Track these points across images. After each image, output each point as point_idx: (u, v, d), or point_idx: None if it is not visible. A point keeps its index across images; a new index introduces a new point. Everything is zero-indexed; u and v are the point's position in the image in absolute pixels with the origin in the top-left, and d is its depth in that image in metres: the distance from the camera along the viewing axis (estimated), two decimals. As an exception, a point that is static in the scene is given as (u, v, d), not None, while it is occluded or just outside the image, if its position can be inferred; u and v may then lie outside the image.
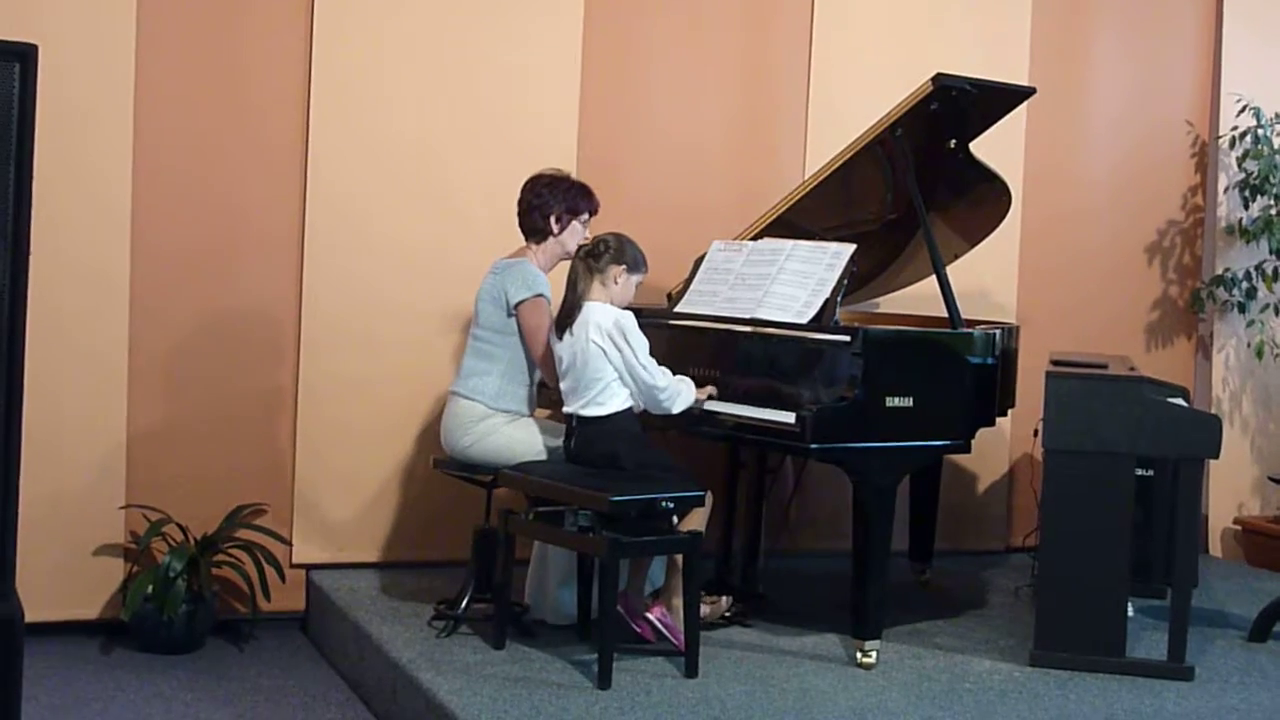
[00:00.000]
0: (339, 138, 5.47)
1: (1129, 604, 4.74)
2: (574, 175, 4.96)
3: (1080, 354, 5.48)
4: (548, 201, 4.82)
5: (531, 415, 4.85)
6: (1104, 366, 4.93)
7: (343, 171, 5.47)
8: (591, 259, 4.54)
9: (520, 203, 4.87)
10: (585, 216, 4.89)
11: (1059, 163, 6.73)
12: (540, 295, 4.71)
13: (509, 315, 4.73)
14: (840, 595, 4.74)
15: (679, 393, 4.55)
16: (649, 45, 6.02)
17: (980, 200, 5.47)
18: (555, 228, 4.83)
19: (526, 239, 4.89)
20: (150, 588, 5.04)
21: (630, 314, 4.51)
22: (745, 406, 4.62)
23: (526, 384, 4.81)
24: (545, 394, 4.99)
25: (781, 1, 6.21)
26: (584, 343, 4.45)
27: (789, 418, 4.43)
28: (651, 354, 4.54)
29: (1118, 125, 6.89)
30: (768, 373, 4.72)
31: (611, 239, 4.58)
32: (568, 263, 4.76)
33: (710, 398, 4.70)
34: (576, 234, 4.86)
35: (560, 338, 4.54)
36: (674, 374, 4.61)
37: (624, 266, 4.55)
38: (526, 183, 4.89)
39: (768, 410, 4.53)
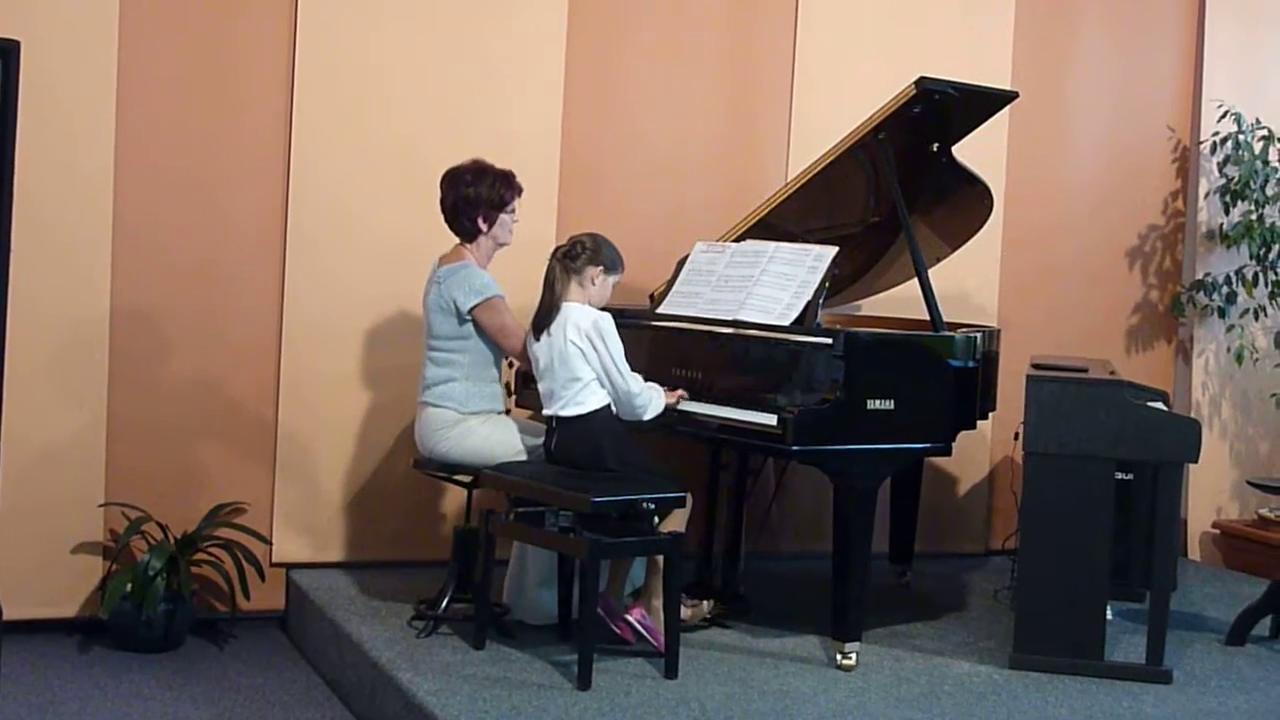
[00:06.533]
0: (322, 135, 5.45)
1: (1108, 607, 4.76)
2: (488, 161, 4.86)
3: (1061, 358, 5.49)
4: (471, 202, 4.77)
5: (505, 411, 4.85)
6: (1084, 370, 4.94)
7: (326, 168, 5.46)
8: (568, 260, 4.54)
9: (442, 205, 4.83)
10: (512, 206, 4.85)
11: (1041, 167, 6.75)
12: (493, 298, 4.70)
13: (461, 323, 4.71)
14: (821, 597, 4.74)
15: (651, 399, 4.55)
16: (633, 46, 6.01)
17: (962, 203, 5.48)
18: (484, 226, 4.80)
19: (458, 239, 4.86)
20: (129, 586, 5.02)
21: (608, 316, 4.51)
22: (727, 408, 4.62)
23: (494, 380, 4.80)
24: (528, 395, 4.99)
25: (766, 4, 6.22)
26: (562, 343, 4.45)
27: (770, 419, 4.43)
28: (634, 355, 4.54)
29: (1100, 130, 6.91)
30: (749, 374, 4.73)
31: (588, 239, 4.57)
32: (506, 249, 4.87)
33: (681, 400, 4.70)
34: (506, 225, 4.84)
35: (537, 338, 4.54)
36: (651, 377, 4.61)
37: (601, 267, 4.54)
38: (443, 182, 4.83)
39: (749, 412, 4.53)
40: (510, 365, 5.00)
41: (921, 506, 5.88)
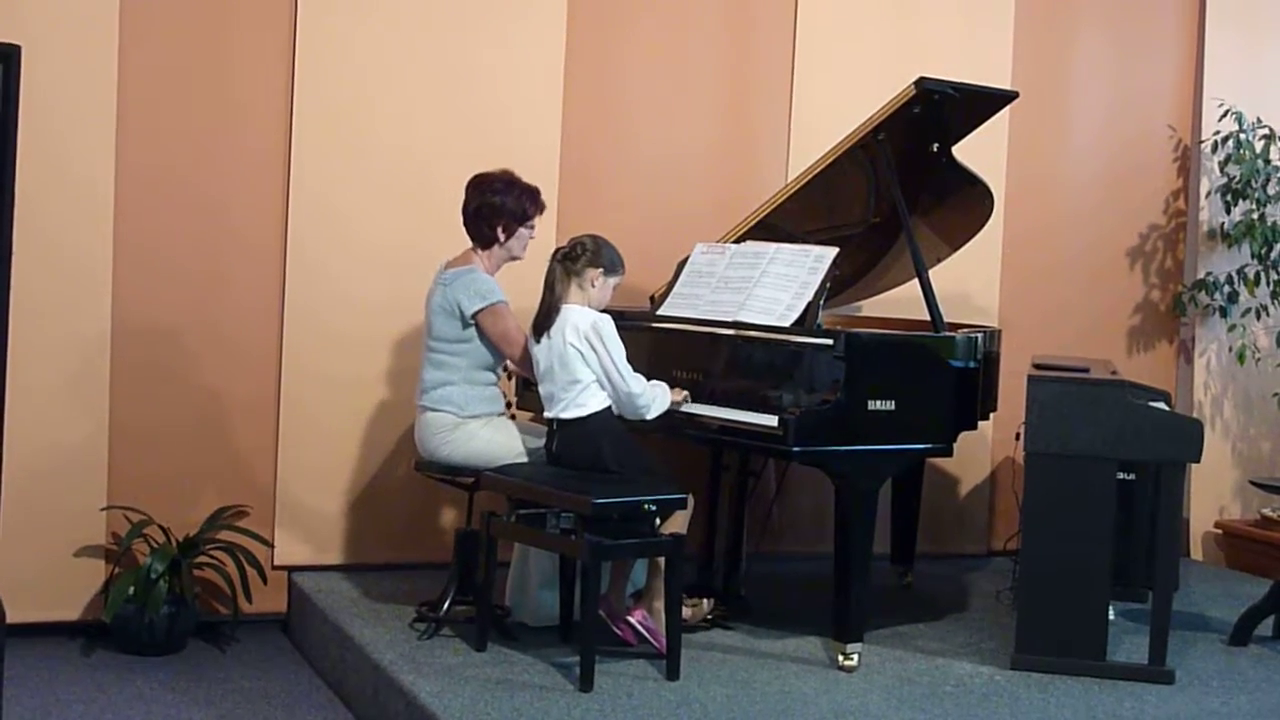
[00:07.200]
0: (322, 141, 5.46)
1: (1110, 607, 4.76)
2: (520, 175, 4.86)
3: (1062, 358, 5.49)
4: (496, 210, 4.77)
5: (504, 412, 4.85)
6: (1086, 370, 4.94)
7: (326, 175, 5.46)
8: (569, 261, 4.54)
9: (466, 208, 4.82)
10: (532, 222, 4.85)
11: (1041, 166, 6.75)
12: (497, 303, 4.69)
13: (465, 326, 4.70)
14: (822, 598, 4.74)
15: (655, 398, 4.55)
16: (632, 49, 6.01)
17: (963, 204, 5.48)
18: (502, 236, 4.79)
19: (472, 243, 4.85)
20: (132, 589, 5.03)
21: (608, 317, 4.51)
22: (728, 409, 4.62)
23: (492, 382, 4.80)
24: (529, 397, 4.99)
25: (764, 6, 6.21)
26: (561, 345, 4.45)
27: (771, 420, 4.43)
28: (634, 357, 4.54)
29: (1100, 129, 6.91)
30: (750, 376, 4.73)
31: (589, 241, 4.58)
32: (516, 262, 4.86)
33: (685, 400, 4.70)
34: (523, 239, 4.83)
35: (538, 340, 4.54)
36: (652, 378, 4.61)
37: (601, 269, 4.54)
38: (470, 186, 4.82)
39: (750, 413, 4.54)
40: (509, 376, 5.01)
41: (923, 507, 5.88)
